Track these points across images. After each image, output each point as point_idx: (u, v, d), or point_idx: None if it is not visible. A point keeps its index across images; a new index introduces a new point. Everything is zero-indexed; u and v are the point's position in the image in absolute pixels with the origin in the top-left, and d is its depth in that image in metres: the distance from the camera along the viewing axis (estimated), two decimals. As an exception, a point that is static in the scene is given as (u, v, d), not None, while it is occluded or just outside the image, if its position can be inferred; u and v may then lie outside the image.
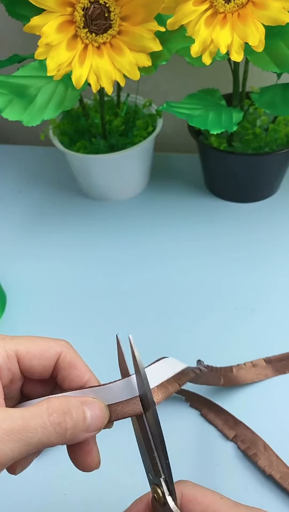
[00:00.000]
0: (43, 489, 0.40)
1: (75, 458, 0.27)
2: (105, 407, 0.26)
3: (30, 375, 0.28)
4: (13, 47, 0.67)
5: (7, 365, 0.27)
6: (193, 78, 0.66)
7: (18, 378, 0.28)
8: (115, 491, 0.39)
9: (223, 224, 0.60)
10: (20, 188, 0.68)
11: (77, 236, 0.60)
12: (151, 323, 0.50)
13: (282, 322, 0.50)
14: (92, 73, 0.45)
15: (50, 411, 0.24)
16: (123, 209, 0.63)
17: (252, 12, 0.41)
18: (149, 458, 0.27)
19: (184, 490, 0.28)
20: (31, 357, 0.27)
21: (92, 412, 0.25)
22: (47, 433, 0.23)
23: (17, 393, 0.29)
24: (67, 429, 0.24)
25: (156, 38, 0.43)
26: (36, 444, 0.23)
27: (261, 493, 0.39)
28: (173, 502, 0.27)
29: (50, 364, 0.28)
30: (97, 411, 0.26)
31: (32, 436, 0.23)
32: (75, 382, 0.28)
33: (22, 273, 0.57)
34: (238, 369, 0.45)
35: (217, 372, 0.43)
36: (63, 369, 0.28)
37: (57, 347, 0.28)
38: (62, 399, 0.25)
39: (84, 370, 0.28)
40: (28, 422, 0.23)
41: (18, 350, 0.27)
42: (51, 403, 0.24)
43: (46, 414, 0.24)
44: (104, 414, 0.26)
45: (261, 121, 0.60)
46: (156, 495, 0.27)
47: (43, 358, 0.27)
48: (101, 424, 0.26)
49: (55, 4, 0.41)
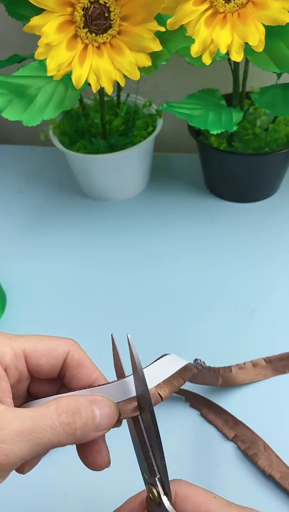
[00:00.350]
0: (43, 489, 0.40)
1: (85, 458, 0.27)
2: (114, 405, 0.26)
3: (37, 374, 0.28)
4: (13, 47, 0.67)
5: (15, 364, 0.27)
6: (193, 78, 0.66)
7: (26, 378, 0.28)
8: (115, 492, 0.39)
9: (223, 224, 0.60)
10: (20, 188, 0.68)
11: (77, 236, 0.60)
12: (151, 323, 0.50)
13: (283, 322, 0.50)
14: (92, 73, 0.45)
15: (59, 412, 0.24)
16: (123, 209, 0.63)
17: (252, 12, 0.41)
18: (144, 458, 0.27)
19: (178, 489, 0.28)
20: (39, 356, 0.27)
21: (102, 410, 0.25)
22: (57, 433, 0.23)
23: (24, 393, 0.29)
24: (77, 429, 0.24)
25: (156, 38, 0.43)
26: (45, 444, 0.23)
27: (261, 493, 0.39)
28: (168, 502, 0.27)
29: (58, 363, 0.28)
30: (106, 409, 0.26)
31: (41, 437, 0.23)
32: (83, 381, 0.28)
33: (22, 273, 0.57)
34: (238, 369, 0.45)
35: (215, 372, 0.43)
36: (71, 368, 0.28)
37: (65, 346, 0.28)
38: (70, 398, 0.25)
39: (92, 369, 0.28)
40: (37, 422, 0.23)
41: (26, 348, 0.27)
42: (60, 403, 0.24)
43: (56, 414, 0.24)
44: (114, 412, 0.26)
45: (261, 121, 0.60)
46: (151, 494, 0.27)
47: (51, 357, 0.27)
48: (111, 423, 0.26)
49: (55, 4, 0.41)
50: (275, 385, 0.45)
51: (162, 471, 0.26)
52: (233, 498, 0.28)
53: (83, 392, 0.27)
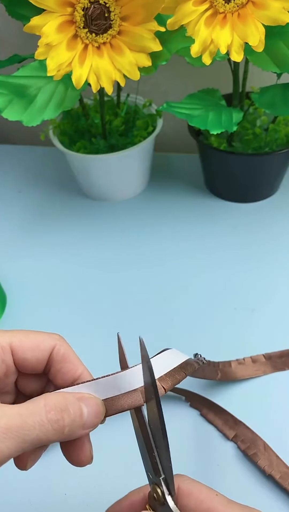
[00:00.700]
0: (43, 489, 0.40)
1: (68, 454, 0.27)
2: (101, 403, 0.26)
3: (23, 369, 0.28)
4: (13, 47, 0.67)
5: (1, 357, 0.27)
6: (193, 78, 0.66)
7: (12, 372, 0.28)
8: (115, 492, 0.39)
9: (223, 224, 0.60)
10: (20, 188, 0.68)
11: (77, 236, 0.61)
12: (151, 322, 0.50)
13: (283, 322, 0.50)
14: (92, 73, 0.45)
15: (47, 408, 0.24)
16: (123, 209, 0.63)
17: (252, 12, 0.41)
18: (149, 458, 0.27)
19: (180, 484, 0.28)
20: (25, 350, 0.27)
21: (90, 408, 0.25)
22: (45, 430, 0.23)
23: (12, 388, 0.29)
24: (65, 426, 0.24)
25: (156, 38, 0.43)
26: (33, 441, 0.23)
27: (261, 493, 0.39)
28: (173, 502, 0.27)
29: (44, 357, 0.28)
30: (94, 407, 0.26)
31: (29, 434, 0.23)
32: (68, 376, 0.28)
33: (22, 273, 0.57)
34: (237, 364, 0.45)
35: (214, 367, 0.43)
36: (56, 362, 0.28)
37: (51, 340, 0.28)
38: (59, 395, 0.25)
39: (77, 364, 0.28)
40: (25, 419, 0.23)
41: (12, 342, 0.27)
42: (48, 400, 0.24)
43: (44, 411, 0.23)
44: (101, 410, 0.26)
45: (261, 121, 0.60)
46: (155, 494, 0.27)
47: (37, 351, 0.27)
48: (98, 420, 0.26)
49: (55, 4, 0.41)
50: (275, 384, 0.45)
51: (167, 471, 0.26)
52: (233, 497, 0.28)
53: (74, 388, 0.26)
